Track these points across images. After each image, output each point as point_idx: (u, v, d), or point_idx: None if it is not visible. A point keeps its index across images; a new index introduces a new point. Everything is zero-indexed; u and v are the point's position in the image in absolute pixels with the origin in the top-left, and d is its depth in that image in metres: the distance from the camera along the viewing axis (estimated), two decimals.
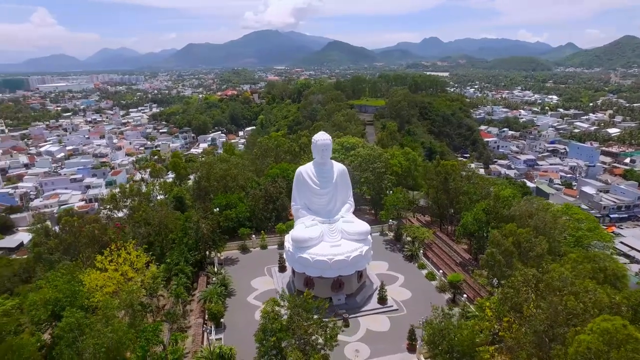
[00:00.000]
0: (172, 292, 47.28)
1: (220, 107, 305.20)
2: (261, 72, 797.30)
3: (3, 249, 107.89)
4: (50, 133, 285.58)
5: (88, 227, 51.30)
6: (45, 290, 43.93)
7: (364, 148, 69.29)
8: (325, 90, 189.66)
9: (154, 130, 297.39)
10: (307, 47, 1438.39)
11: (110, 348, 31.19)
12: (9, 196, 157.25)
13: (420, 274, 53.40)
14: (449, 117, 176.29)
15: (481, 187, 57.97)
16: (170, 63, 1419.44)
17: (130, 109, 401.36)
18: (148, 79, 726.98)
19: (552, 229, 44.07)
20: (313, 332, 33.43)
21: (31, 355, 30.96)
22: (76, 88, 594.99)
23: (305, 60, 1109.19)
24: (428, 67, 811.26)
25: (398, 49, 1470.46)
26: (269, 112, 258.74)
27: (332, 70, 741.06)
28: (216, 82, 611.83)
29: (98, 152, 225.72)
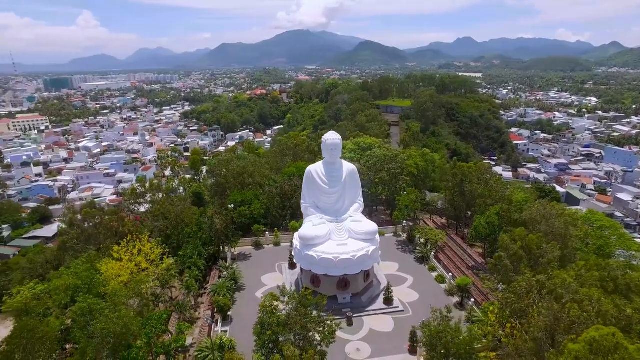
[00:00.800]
0: (184, 284, 48.89)
1: (249, 106, 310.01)
2: (292, 71, 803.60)
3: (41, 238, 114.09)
4: (88, 129, 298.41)
5: (107, 219, 53.75)
6: (66, 277, 46.56)
7: (380, 148, 69.07)
8: (352, 90, 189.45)
9: (184, 127, 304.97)
10: (338, 47, 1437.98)
11: (116, 333, 32.78)
12: (49, 188, 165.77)
13: (430, 277, 52.89)
14: (477, 118, 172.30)
15: (496, 191, 56.63)
16: (204, 62, 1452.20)
17: (164, 107, 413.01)
18: (182, 78, 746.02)
19: (565, 236, 42.65)
20: (311, 328, 33.94)
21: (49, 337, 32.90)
22: (114, 87, 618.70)
23: (336, 61, 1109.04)
24: (460, 67, 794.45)
25: (430, 49, 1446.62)
26: (296, 112, 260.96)
27: (363, 71, 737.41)
28: (247, 81, 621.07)
29: (131, 148, 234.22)
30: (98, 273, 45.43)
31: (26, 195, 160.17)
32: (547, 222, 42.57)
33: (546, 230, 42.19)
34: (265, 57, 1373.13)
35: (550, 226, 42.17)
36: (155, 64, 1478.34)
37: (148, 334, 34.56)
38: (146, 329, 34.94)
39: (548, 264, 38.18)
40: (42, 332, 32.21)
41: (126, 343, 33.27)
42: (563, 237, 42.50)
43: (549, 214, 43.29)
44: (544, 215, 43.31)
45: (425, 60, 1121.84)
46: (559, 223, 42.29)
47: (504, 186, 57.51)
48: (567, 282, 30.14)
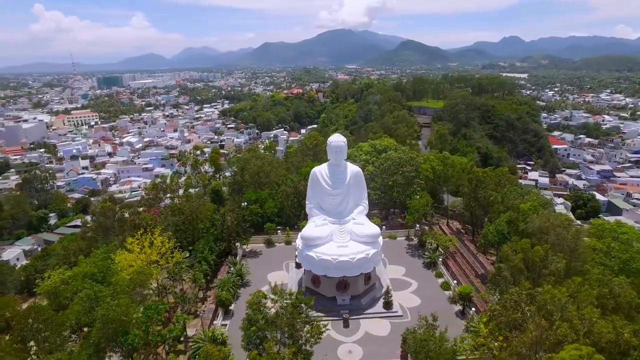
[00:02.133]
0: (191, 277, 50.91)
1: (285, 105, 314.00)
2: (332, 70, 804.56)
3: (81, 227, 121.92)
4: (132, 125, 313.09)
5: (121, 212, 56.93)
6: (83, 265, 49.85)
7: (397, 151, 68.42)
8: (385, 91, 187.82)
9: (222, 125, 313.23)
10: (379, 47, 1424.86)
11: (114, 320, 34.87)
12: (93, 181, 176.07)
13: (436, 283, 52.06)
14: (513, 121, 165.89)
15: (509, 198, 54.63)
16: (247, 61, 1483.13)
17: (204, 105, 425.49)
18: (224, 76, 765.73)
19: (574, 248, 40.62)
20: (298, 327, 34.54)
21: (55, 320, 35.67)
22: (160, 84, 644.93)
23: (377, 60, 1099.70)
24: (505, 68, 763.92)
25: (474, 49, 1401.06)
26: (330, 111, 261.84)
27: (403, 70, 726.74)
28: (287, 80, 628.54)
29: (170, 144, 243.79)
30: (113, 263, 48.29)
31: (73, 186, 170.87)
32: (555, 232, 40.68)
33: (554, 241, 40.41)
34: (306, 56, 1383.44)
35: (558, 237, 40.30)
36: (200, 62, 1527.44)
37: (145, 323, 36.48)
38: (142, 317, 36.88)
39: (550, 277, 36.67)
40: (48, 314, 34.91)
41: (123, 330, 35.30)
42: (571, 249, 40.57)
43: (555, 225, 41.34)
44: (551, 226, 41.43)
45: (468, 60, 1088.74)
46: (566, 234, 40.30)
47: (519, 194, 55.36)
48: (556, 297, 28.89)
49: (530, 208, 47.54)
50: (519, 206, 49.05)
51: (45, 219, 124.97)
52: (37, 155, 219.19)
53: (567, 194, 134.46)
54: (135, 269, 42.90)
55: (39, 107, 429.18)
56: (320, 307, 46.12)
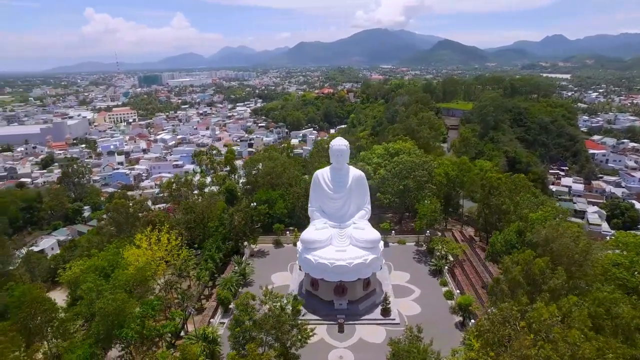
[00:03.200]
0: (195, 275, 52.16)
1: (316, 105, 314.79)
2: (366, 70, 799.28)
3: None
4: (167, 123, 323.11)
5: (134, 208, 59.10)
6: (95, 259, 52.16)
7: (410, 155, 67.15)
8: (413, 91, 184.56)
9: (253, 124, 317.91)
10: (415, 46, 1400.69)
11: (111, 313, 36.33)
12: (126, 176, 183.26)
13: (439, 291, 50.78)
14: (547, 124, 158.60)
15: (522, 206, 52.35)
16: (282, 60, 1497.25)
17: (238, 103, 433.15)
18: (259, 76, 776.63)
19: (582, 262, 38.42)
20: (284, 330, 34.68)
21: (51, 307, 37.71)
22: (197, 83, 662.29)
23: (412, 60, 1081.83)
24: (546, 68, 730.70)
25: (514, 49, 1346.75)
26: (360, 112, 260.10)
27: (439, 71, 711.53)
28: (320, 79, 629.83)
29: (201, 142, 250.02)
30: (121, 258, 50.21)
31: (107, 181, 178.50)
32: (559, 243, 38.62)
33: (558, 253, 38.41)
34: (341, 56, 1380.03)
35: (562, 248, 38.22)
36: (237, 61, 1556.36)
37: (139, 317, 37.78)
38: (137, 312, 38.18)
39: (550, 292, 34.93)
40: (48, 303, 36.91)
41: (119, 323, 36.71)
42: (579, 263, 38.43)
43: (560, 235, 39.20)
44: (556, 236, 39.34)
45: (507, 60, 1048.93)
46: (573, 245, 38.07)
47: (534, 203, 52.96)
48: (542, 317, 27.43)
49: (540, 218, 45.42)
50: (528, 215, 46.96)
51: (79, 211, 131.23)
52: (77, 150, 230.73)
53: (603, 202, 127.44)
54: (137, 266, 44.38)
55: (84, 104, 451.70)
56: (316, 310, 46.35)
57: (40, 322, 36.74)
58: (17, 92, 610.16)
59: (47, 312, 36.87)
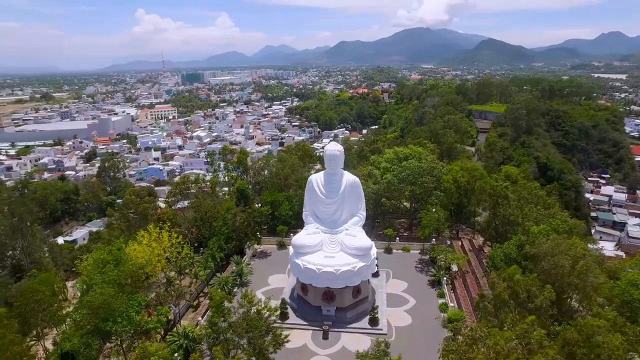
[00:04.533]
0: (193, 273, 53.39)
1: (350, 105, 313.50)
2: (406, 70, 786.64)
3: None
4: (204, 120, 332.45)
5: (143, 207, 61.23)
6: (100, 252, 54.48)
7: (420, 160, 65.31)
8: (445, 93, 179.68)
9: (287, 122, 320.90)
10: (458, 46, 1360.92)
11: (98, 307, 37.90)
12: (160, 172, 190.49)
13: (435, 303, 49.08)
14: (588, 129, 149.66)
15: (530, 218, 49.50)
16: (323, 59, 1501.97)
17: (274, 102, 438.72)
18: (298, 75, 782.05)
19: (583, 283, 35.69)
20: (256, 334, 34.74)
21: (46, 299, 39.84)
22: (237, 81, 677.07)
23: (454, 60, 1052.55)
24: (599, 68, 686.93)
25: (564, 48, 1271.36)
26: (392, 112, 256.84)
27: (481, 71, 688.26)
28: (359, 79, 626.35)
29: (234, 139, 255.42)
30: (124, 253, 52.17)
31: (142, 175, 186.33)
32: (548, 261, 36.17)
33: (549, 271, 36.02)
34: (381, 55, 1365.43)
35: (553, 267, 35.77)
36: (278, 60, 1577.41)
37: (125, 312, 39.18)
38: (122, 307, 39.55)
39: (535, 311, 32.89)
40: (40, 294, 39.02)
41: (104, 316, 38.22)
42: (575, 285, 35.78)
43: (557, 253, 36.62)
44: (549, 253, 36.81)
45: (555, 59, 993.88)
46: (567, 265, 35.39)
47: (544, 215, 49.96)
48: (498, 345, 25.77)
49: (541, 232, 42.77)
50: (529, 229, 44.44)
51: (112, 204, 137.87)
52: (118, 145, 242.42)
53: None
54: (135, 262, 46.03)
55: (130, 101, 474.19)
56: (305, 315, 46.21)
57: (34, 310, 39.01)
58: (74, 90, 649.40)
59: (39, 302, 39.06)
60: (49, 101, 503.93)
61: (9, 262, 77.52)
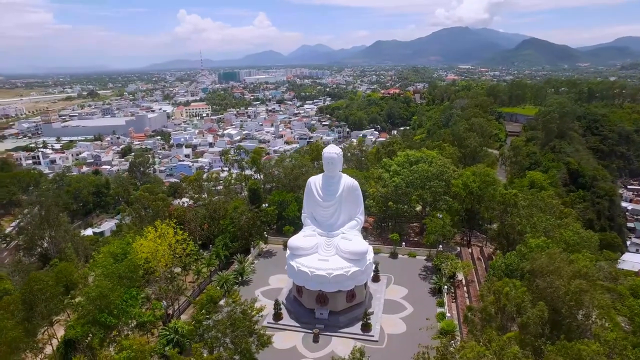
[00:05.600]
0: (195, 270, 54.61)
1: (380, 105, 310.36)
2: (442, 70, 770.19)
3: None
4: (236, 118, 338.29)
5: (155, 204, 63.31)
6: (110, 246, 56.73)
7: (429, 164, 63.74)
8: (475, 95, 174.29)
9: (317, 122, 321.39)
10: (498, 45, 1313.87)
11: (95, 298, 39.55)
12: (188, 168, 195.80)
13: (433, 312, 47.77)
14: (629, 133, 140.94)
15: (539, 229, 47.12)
16: (358, 59, 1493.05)
17: (307, 101, 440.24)
18: (333, 74, 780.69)
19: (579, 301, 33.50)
20: (239, 334, 35.10)
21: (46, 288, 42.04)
22: (272, 80, 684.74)
23: (493, 60, 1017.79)
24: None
25: (614, 46, 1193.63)
26: (422, 114, 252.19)
27: (521, 71, 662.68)
28: (393, 79, 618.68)
29: (263, 138, 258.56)
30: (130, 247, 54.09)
31: (171, 172, 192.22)
32: (547, 280, 34.14)
33: (543, 289, 34.14)
34: (418, 55, 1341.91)
35: (547, 285, 33.81)
36: (314, 59, 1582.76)
37: (119, 306, 40.64)
38: (118, 300, 41.02)
39: (522, 328, 31.37)
40: (42, 283, 41.13)
41: (101, 308, 39.80)
42: (569, 304, 33.61)
43: (555, 268, 34.58)
44: (543, 270, 34.81)
45: (604, 59, 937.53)
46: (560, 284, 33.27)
47: (553, 225, 47.46)
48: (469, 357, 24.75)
49: (539, 245, 40.69)
50: (528, 241, 42.39)
51: None
52: (152, 142, 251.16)
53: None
54: (131, 257, 47.62)
55: (167, 99, 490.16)
56: (298, 317, 46.26)
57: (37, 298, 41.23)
58: (117, 87, 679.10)
59: (42, 290, 41.20)
60: (94, 98, 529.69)
61: (38, 251, 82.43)
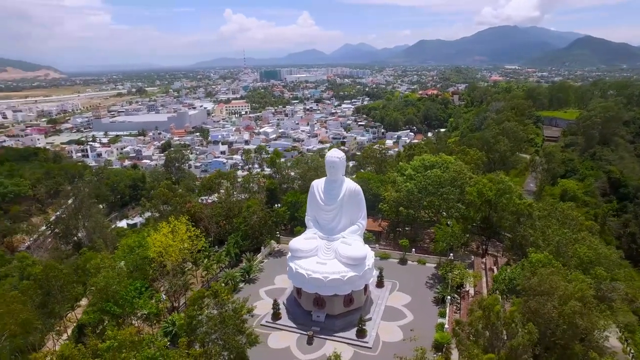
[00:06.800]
0: (204, 266, 56.45)
1: (417, 106, 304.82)
2: (487, 71, 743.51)
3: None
4: (273, 116, 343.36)
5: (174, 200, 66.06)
6: (128, 238, 59.77)
7: (444, 169, 62.19)
8: (512, 97, 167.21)
9: (354, 122, 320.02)
10: (548, 44, 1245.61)
11: (101, 287, 41.99)
12: (223, 165, 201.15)
13: (434, 322, 46.64)
14: None
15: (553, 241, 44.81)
16: (401, 58, 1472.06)
17: (345, 101, 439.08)
18: (373, 74, 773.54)
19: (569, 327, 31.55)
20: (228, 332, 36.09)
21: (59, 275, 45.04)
22: (312, 79, 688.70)
23: (542, 60, 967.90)
24: None
25: None
26: (459, 116, 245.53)
27: (572, 72, 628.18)
28: (434, 79, 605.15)
29: (298, 137, 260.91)
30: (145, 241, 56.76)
31: (206, 168, 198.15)
32: (537, 300, 32.42)
33: (535, 308, 32.52)
34: (462, 55, 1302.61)
35: (542, 305, 32.10)
36: (356, 58, 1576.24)
37: (124, 296, 42.89)
38: (123, 291, 43.26)
39: (511, 351, 30.13)
40: (56, 271, 44.10)
41: (106, 297, 42.22)
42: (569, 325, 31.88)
43: (548, 288, 32.78)
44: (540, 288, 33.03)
45: None
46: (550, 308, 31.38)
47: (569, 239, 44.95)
48: None
49: (540, 260, 38.76)
50: (530, 255, 40.51)
51: None
52: (190, 138, 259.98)
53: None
54: (139, 251, 49.98)
55: (209, 96, 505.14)
56: (296, 318, 46.81)
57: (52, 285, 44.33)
58: (163, 85, 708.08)
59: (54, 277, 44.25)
60: (142, 95, 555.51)
61: (72, 239, 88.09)
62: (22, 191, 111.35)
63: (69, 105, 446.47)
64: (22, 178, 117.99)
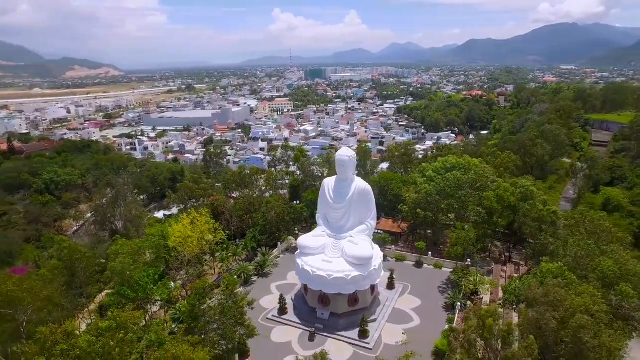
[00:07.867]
0: (220, 258, 58.32)
1: (460, 107, 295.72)
2: (540, 71, 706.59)
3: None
4: (314, 115, 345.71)
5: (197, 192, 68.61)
6: (152, 228, 62.80)
7: (465, 171, 60.16)
8: (559, 99, 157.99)
9: (395, 122, 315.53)
10: (612, 42, 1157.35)
11: (118, 272, 44.64)
12: (260, 161, 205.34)
13: (440, 328, 45.39)
14: None
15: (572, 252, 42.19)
16: (449, 58, 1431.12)
17: (388, 100, 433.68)
18: (419, 73, 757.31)
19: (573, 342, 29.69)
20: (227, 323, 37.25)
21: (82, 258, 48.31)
22: (357, 78, 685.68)
23: (604, 59, 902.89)
24: None
25: None
26: (503, 118, 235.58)
27: (638, 72, 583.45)
28: (482, 80, 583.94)
29: (337, 136, 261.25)
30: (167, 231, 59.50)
31: (244, 163, 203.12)
32: (536, 310, 30.75)
33: (535, 319, 30.88)
34: (515, 54, 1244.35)
35: (538, 313, 30.50)
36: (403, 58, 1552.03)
37: (138, 282, 45.30)
38: (137, 276, 45.68)
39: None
40: (79, 254, 47.33)
41: (122, 282, 44.82)
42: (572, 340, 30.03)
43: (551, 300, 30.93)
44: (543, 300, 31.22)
45: None
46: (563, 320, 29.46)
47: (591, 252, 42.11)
48: None
49: (551, 270, 36.64)
50: (542, 265, 38.41)
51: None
52: (231, 134, 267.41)
53: None
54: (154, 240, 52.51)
55: (254, 94, 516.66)
56: (301, 314, 47.40)
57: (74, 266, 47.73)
58: (212, 82, 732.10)
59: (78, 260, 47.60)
60: (190, 92, 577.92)
61: (109, 227, 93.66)
62: (73, 180, 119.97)
63: (124, 101, 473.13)
64: (73, 168, 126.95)
